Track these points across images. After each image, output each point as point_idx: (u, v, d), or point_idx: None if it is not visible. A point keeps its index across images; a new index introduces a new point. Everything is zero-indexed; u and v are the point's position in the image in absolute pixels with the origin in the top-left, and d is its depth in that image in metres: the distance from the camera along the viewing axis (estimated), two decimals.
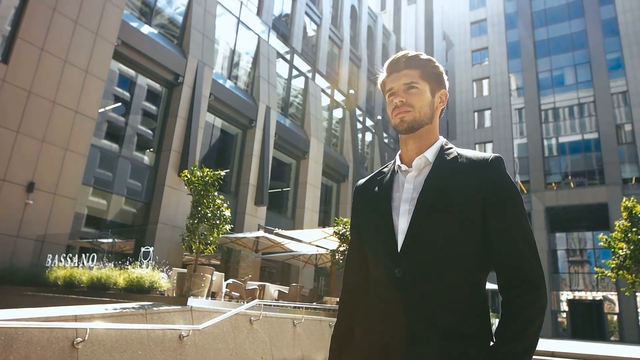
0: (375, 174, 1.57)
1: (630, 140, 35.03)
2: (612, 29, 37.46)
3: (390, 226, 1.37)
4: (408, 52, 1.48)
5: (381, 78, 1.53)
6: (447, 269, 1.28)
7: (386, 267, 1.34)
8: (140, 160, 16.27)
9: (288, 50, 24.28)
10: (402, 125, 1.42)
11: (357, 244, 1.55)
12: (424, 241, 1.30)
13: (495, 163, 1.36)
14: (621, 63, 36.29)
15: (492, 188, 1.32)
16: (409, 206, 1.36)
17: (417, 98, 1.42)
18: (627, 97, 35.87)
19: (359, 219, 1.53)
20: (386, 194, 1.44)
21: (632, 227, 11.58)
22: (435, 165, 1.40)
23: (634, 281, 11.71)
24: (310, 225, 22.41)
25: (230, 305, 8.35)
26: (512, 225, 1.30)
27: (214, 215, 8.38)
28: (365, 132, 31.51)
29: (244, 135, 20.16)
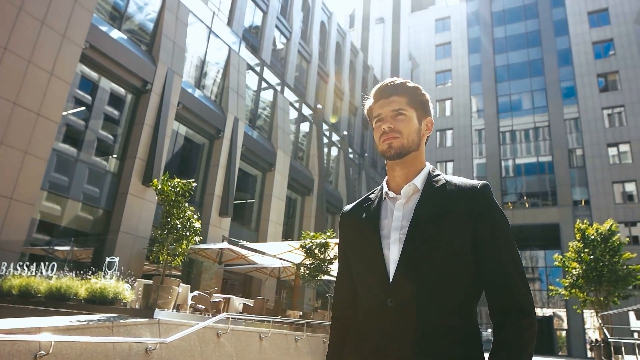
0: (362, 201, 1.54)
1: (580, 164, 36.89)
2: (567, 59, 39.60)
3: (381, 255, 1.35)
4: (395, 80, 1.49)
5: (368, 104, 1.54)
6: (439, 297, 1.27)
7: (377, 297, 1.32)
8: (102, 167, 15.85)
9: (258, 62, 24.35)
10: (390, 151, 1.41)
11: (346, 272, 1.53)
12: (416, 270, 1.29)
13: (484, 191, 1.37)
14: (574, 91, 38.35)
15: (482, 216, 1.33)
16: (399, 234, 1.35)
17: (404, 125, 1.42)
18: (578, 123, 37.86)
19: (347, 247, 1.50)
20: (374, 222, 1.41)
21: (585, 248, 12.23)
22: (425, 192, 1.39)
23: (585, 299, 12.31)
24: (274, 237, 22.34)
25: (197, 318, 8.24)
26: (503, 253, 1.31)
27: (183, 227, 8.29)
28: (331, 146, 31.82)
29: (210, 146, 19.98)
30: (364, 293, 1.40)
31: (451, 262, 1.29)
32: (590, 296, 12.15)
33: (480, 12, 45.37)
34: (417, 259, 1.30)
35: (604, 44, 38.70)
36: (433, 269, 1.29)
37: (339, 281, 1.57)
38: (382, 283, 1.32)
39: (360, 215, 1.49)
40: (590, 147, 36.52)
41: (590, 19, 39.73)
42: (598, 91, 37.60)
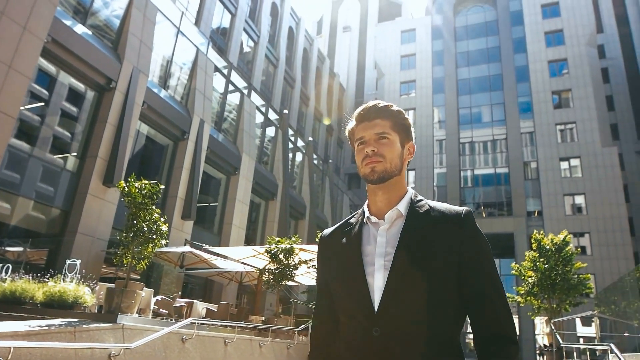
0: (342, 225, 1.51)
1: (535, 176, 38.47)
2: (524, 75, 41.31)
3: (364, 283, 1.30)
4: (379, 102, 1.47)
5: (350, 126, 1.51)
6: (425, 325, 1.25)
7: (362, 326, 1.28)
8: (61, 165, 15.29)
9: (226, 65, 24.16)
10: (372, 175, 1.38)
11: (325, 299, 1.48)
12: (401, 298, 1.26)
13: (469, 218, 1.36)
14: (530, 106, 40.03)
15: (467, 243, 1.32)
16: (384, 261, 1.31)
17: (388, 149, 1.39)
18: (533, 137, 39.51)
19: (328, 274, 1.45)
20: (357, 248, 1.37)
21: (540, 258, 12.82)
22: (409, 218, 1.36)
23: (539, 306, 12.88)
24: (237, 242, 22.14)
25: (162, 323, 8.08)
26: (487, 282, 1.31)
27: (150, 230, 8.13)
28: (296, 152, 31.87)
29: (175, 147, 19.64)
30: (347, 322, 1.34)
31: (437, 289, 1.27)
32: (544, 303, 12.74)
33: (445, 26, 46.70)
34: (403, 286, 1.26)
35: (559, 63, 40.61)
36: (419, 297, 1.25)
37: (319, 309, 1.52)
38: (367, 311, 1.27)
39: (342, 240, 1.44)
40: (544, 160, 38.15)
41: (546, 39, 41.63)
42: (552, 107, 39.38)
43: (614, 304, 17.36)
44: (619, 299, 17.29)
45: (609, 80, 44.56)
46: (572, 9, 41.77)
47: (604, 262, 32.28)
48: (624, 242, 34.10)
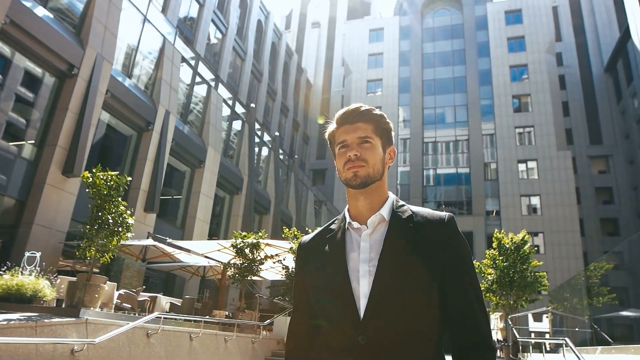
0: (323, 231, 1.47)
1: (494, 177, 39.73)
2: (487, 79, 42.53)
3: (349, 290, 1.28)
4: (361, 106, 1.44)
5: (331, 129, 1.47)
6: (411, 331, 1.24)
7: (346, 334, 1.25)
8: (16, 153, 14.64)
9: (193, 55, 23.72)
10: (355, 180, 1.35)
11: (303, 307, 1.45)
12: (388, 304, 1.24)
13: (452, 223, 1.36)
14: (492, 109, 41.28)
15: (450, 249, 1.32)
16: (368, 267, 1.29)
17: (370, 153, 1.37)
18: (494, 139, 40.77)
19: (308, 281, 1.41)
20: (341, 254, 1.34)
21: (500, 256, 13.32)
22: (392, 223, 1.35)
23: (497, 302, 13.41)
24: (200, 236, 21.85)
25: (127, 317, 7.93)
26: (469, 288, 1.32)
27: (115, 222, 7.94)
28: (262, 146, 31.68)
29: (139, 138, 19.15)
30: (330, 329, 1.31)
31: (422, 295, 1.26)
32: (502, 300, 13.25)
33: (412, 27, 47.44)
34: (389, 292, 1.25)
35: (520, 68, 42.03)
36: (405, 303, 1.24)
37: (296, 317, 1.48)
38: (352, 319, 1.25)
39: (323, 246, 1.40)
40: (503, 162, 39.43)
41: (509, 44, 42.98)
42: (512, 111, 40.75)
43: (566, 300, 18.27)
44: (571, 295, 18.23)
45: (565, 87, 46.49)
46: (533, 17, 43.28)
47: (556, 260, 33.76)
48: (575, 242, 35.74)
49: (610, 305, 17.46)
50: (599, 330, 15.44)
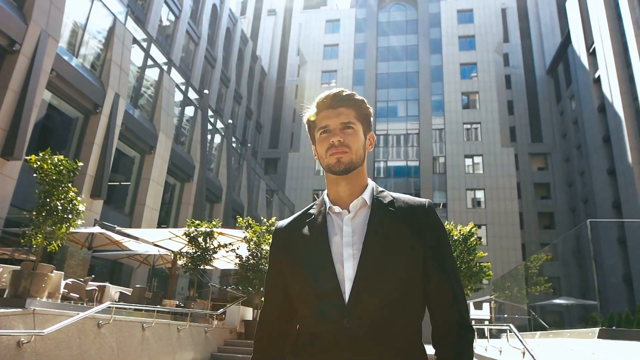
0: (302, 215, 1.45)
1: (442, 171, 41.05)
2: (438, 75, 43.70)
3: (334, 273, 1.27)
4: (343, 90, 1.43)
5: (310, 112, 1.45)
6: (395, 314, 1.25)
7: (331, 318, 1.24)
8: None
9: (145, 37, 22.86)
10: (339, 166, 1.34)
11: (279, 295, 1.43)
12: (372, 287, 1.24)
13: (432, 209, 1.38)
14: (442, 105, 42.52)
15: (432, 234, 1.33)
16: (352, 250, 1.29)
17: (353, 139, 1.36)
18: (443, 134, 42.06)
19: (287, 266, 1.38)
20: (323, 238, 1.33)
21: None
22: (374, 208, 1.35)
23: None
24: (149, 223, 21.27)
25: (76, 307, 7.66)
26: (449, 271, 1.34)
27: (64, 209, 7.61)
28: (214, 134, 31.11)
29: (85, 121, 18.30)
30: (313, 315, 1.29)
31: (405, 278, 1.27)
32: None
33: (368, 20, 47.87)
34: (373, 276, 1.25)
35: (469, 66, 43.48)
36: (389, 286, 1.25)
37: (270, 304, 1.45)
38: (337, 302, 1.24)
39: (302, 230, 1.39)
40: (451, 156, 40.80)
41: (460, 43, 44.32)
42: (461, 107, 42.15)
43: (508, 289, 19.33)
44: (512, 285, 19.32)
45: (510, 86, 48.56)
46: (484, 17, 44.80)
47: (497, 251, 35.47)
48: (515, 235, 37.66)
49: (545, 293, 18.62)
50: (536, 316, 16.47)
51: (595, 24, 39.89)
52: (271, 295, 1.45)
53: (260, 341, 1.44)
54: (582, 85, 42.49)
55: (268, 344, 1.43)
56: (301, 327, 1.35)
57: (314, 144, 1.45)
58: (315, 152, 1.44)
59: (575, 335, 9.27)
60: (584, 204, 42.91)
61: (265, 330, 1.44)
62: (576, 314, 24.17)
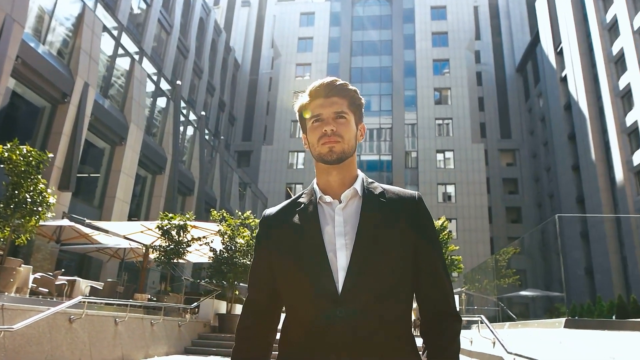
0: (291, 204, 1.43)
1: (414, 165, 41.59)
2: (412, 70, 44.14)
3: (327, 263, 1.27)
4: (336, 80, 1.41)
5: (302, 101, 1.43)
6: (387, 304, 1.25)
7: (323, 308, 1.24)
8: None
9: (115, 25, 22.26)
10: (331, 155, 1.33)
11: (265, 284, 1.41)
12: (365, 277, 1.25)
13: (422, 201, 1.39)
14: (415, 100, 43.01)
15: (422, 225, 1.35)
16: (344, 240, 1.29)
17: (345, 128, 1.35)
18: (415, 129, 42.57)
19: (277, 255, 1.37)
20: (316, 227, 1.32)
21: None
22: (366, 198, 1.35)
23: None
24: (120, 216, 20.84)
25: (46, 302, 7.47)
26: (438, 262, 1.36)
27: (34, 201, 7.39)
28: (187, 125, 30.63)
29: (53, 110, 17.74)
30: (304, 304, 1.29)
31: (396, 268, 1.28)
32: None
33: (343, 13, 47.87)
34: (366, 265, 1.25)
35: (442, 62, 44.07)
36: (382, 276, 1.26)
37: (255, 294, 1.43)
38: (330, 292, 1.24)
39: (293, 219, 1.37)
40: (423, 151, 41.37)
41: (433, 39, 44.85)
42: (433, 103, 42.72)
43: (477, 281, 19.85)
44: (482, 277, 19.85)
45: (481, 83, 49.49)
46: (456, 14, 45.43)
47: (467, 245, 36.26)
48: (484, 229, 38.57)
49: (513, 285, 19.22)
50: (504, 308, 16.99)
51: (563, 25, 41.03)
52: (258, 284, 1.43)
53: (245, 330, 1.41)
54: (549, 84, 43.69)
55: (253, 332, 1.40)
56: (290, 317, 1.33)
57: (304, 133, 1.44)
58: (306, 140, 1.43)
59: (542, 325, 9.63)
60: (550, 199, 44.27)
61: (250, 319, 1.41)
62: (541, 305, 25.01)
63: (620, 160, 32.90)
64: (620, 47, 34.11)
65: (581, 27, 39.03)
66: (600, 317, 14.37)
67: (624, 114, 33.58)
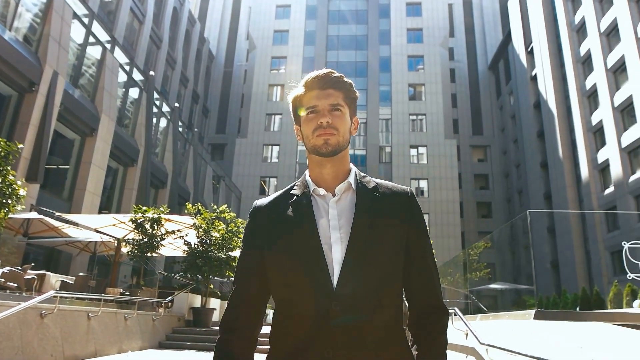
0: (282, 196, 1.41)
1: (388, 160, 41.98)
2: (386, 66, 44.42)
3: (322, 257, 1.26)
4: (332, 72, 1.40)
5: (298, 92, 1.42)
6: (380, 298, 1.26)
7: (319, 302, 1.22)
8: None
9: (86, 13, 21.63)
10: (326, 148, 1.32)
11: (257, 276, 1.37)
12: (361, 271, 1.25)
13: (414, 197, 1.41)
14: (389, 95, 43.33)
15: (414, 221, 1.37)
16: (339, 234, 1.29)
17: (340, 121, 1.34)
18: (389, 124, 42.94)
19: (269, 248, 1.34)
20: (311, 220, 1.31)
21: None
22: (360, 192, 1.35)
23: None
24: (90, 209, 20.36)
25: (15, 297, 7.27)
26: (429, 257, 1.38)
27: (2, 194, 7.17)
28: (160, 117, 30.10)
29: (20, 99, 17.16)
30: (299, 299, 1.26)
31: (390, 263, 1.29)
32: None
33: (319, 7, 47.73)
34: (362, 259, 1.26)
35: (416, 58, 44.50)
36: (376, 270, 1.26)
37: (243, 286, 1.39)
38: (325, 286, 1.23)
39: (286, 212, 1.35)
40: (397, 146, 41.78)
41: (408, 35, 45.21)
42: (407, 99, 43.14)
43: (450, 275, 20.30)
44: (454, 271, 20.31)
45: (454, 80, 50.24)
46: (431, 11, 45.89)
47: (439, 239, 36.91)
48: (455, 223, 39.30)
49: (482, 279, 19.72)
50: (475, 300, 17.42)
51: (534, 25, 41.99)
52: (247, 275, 1.39)
53: (232, 321, 1.37)
54: (520, 82, 44.71)
55: (240, 324, 1.36)
56: (283, 312, 1.31)
57: (297, 124, 1.43)
58: (299, 132, 1.42)
59: (513, 317, 9.93)
60: (519, 195, 45.44)
61: (238, 310, 1.37)
62: (509, 297, 25.73)
63: (585, 157, 34.00)
64: (588, 49, 35.15)
65: (551, 28, 40.04)
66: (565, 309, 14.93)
67: (590, 113, 34.68)
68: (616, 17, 31.89)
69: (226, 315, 1.38)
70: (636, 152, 30.05)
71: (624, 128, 30.80)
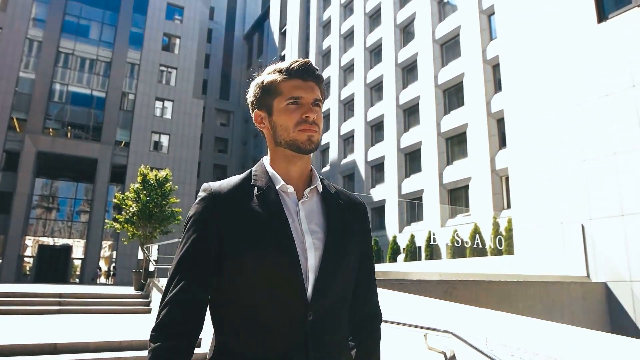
0: (244, 185, 1.27)
1: (130, 108, 39.23)
2: (143, 7, 41.00)
3: (297, 262, 1.16)
4: (309, 61, 1.32)
5: (275, 77, 1.30)
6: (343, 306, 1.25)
7: (291, 310, 1.15)
8: None
9: None
10: (309, 145, 1.24)
11: (208, 271, 1.19)
12: (333, 279, 1.21)
13: (366, 207, 1.41)
14: (141, 40, 40.24)
15: (367, 232, 1.39)
16: (312, 239, 1.21)
17: (320, 118, 1.28)
18: (137, 70, 40.06)
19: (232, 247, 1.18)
20: (284, 220, 1.20)
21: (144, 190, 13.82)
22: (325, 197, 1.31)
23: (134, 233, 14.00)
24: None
25: None
26: (372, 267, 1.40)
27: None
28: None
29: None
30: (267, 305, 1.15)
31: (354, 272, 1.30)
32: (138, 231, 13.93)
33: None
34: (335, 267, 1.21)
35: (176, 8, 42.52)
36: (344, 279, 1.25)
37: (190, 283, 1.17)
38: (300, 293, 1.15)
39: (251, 204, 1.22)
40: (141, 95, 39.41)
41: None
42: (160, 48, 41.00)
43: None
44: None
45: (210, 40, 50.21)
46: None
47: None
48: (191, 182, 39.88)
49: None
50: None
51: (290, 10, 45.50)
52: (195, 272, 1.19)
53: (175, 325, 1.15)
54: (270, 59, 47.89)
55: (184, 330, 1.16)
56: (243, 318, 1.16)
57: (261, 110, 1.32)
58: (266, 120, 1.31)
59: None
60: (252, 163, 49.15)
61: (186, 312, 1.17)
62: None
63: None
64: (329, 45, 40.35)
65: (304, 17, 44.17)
66: None
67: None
68: (353, 25, 37.57)
69: (168, 315, 1.16)
70: (348, 140, 36.50)
71: (344, 119, 36.91)
